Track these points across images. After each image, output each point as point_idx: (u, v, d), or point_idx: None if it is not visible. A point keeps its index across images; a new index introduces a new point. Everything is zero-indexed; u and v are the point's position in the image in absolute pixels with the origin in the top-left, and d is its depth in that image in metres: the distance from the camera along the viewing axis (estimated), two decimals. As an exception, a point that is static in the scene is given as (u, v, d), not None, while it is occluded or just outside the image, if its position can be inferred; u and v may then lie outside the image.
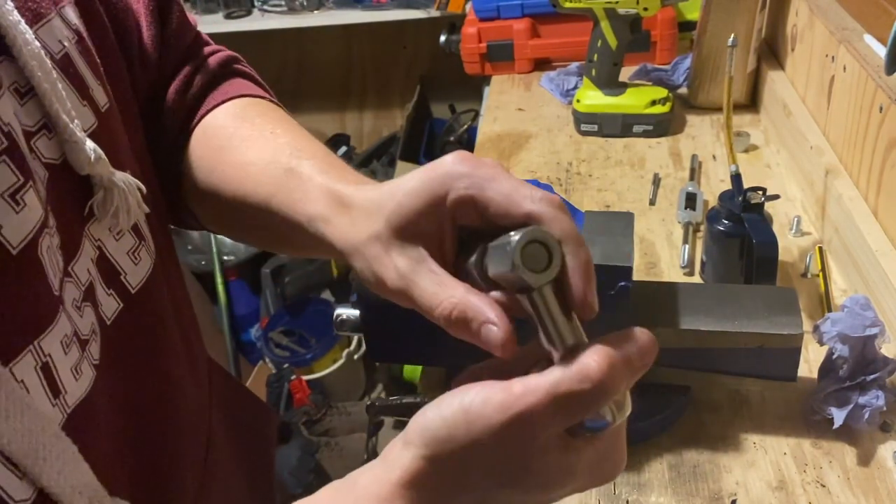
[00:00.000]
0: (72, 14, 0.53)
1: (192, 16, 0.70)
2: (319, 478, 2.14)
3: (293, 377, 2.14)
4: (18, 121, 0.45)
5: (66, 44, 0.51)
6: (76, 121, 0.49)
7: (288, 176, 0.58)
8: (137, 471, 0.53)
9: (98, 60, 0.55)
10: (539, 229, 0.42)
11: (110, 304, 0.52)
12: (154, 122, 0.66)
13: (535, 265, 0.41)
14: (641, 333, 0.44)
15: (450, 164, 0.47)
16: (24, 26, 0.46)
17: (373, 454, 2.25)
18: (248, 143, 0.63)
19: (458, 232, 0.48)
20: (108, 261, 0.53)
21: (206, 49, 0.70)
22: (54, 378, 0.44)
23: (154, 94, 0.66)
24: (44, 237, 0.44)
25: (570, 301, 0.43)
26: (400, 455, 0.44)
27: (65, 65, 0.50)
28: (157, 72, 0.65)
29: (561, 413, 0.41)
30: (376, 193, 0.50)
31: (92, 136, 0.50)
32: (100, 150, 0.50)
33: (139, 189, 0.54)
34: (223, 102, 0.67)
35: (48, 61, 0.47)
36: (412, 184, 0.48)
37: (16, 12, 0.46)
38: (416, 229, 0.48)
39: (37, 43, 0.47)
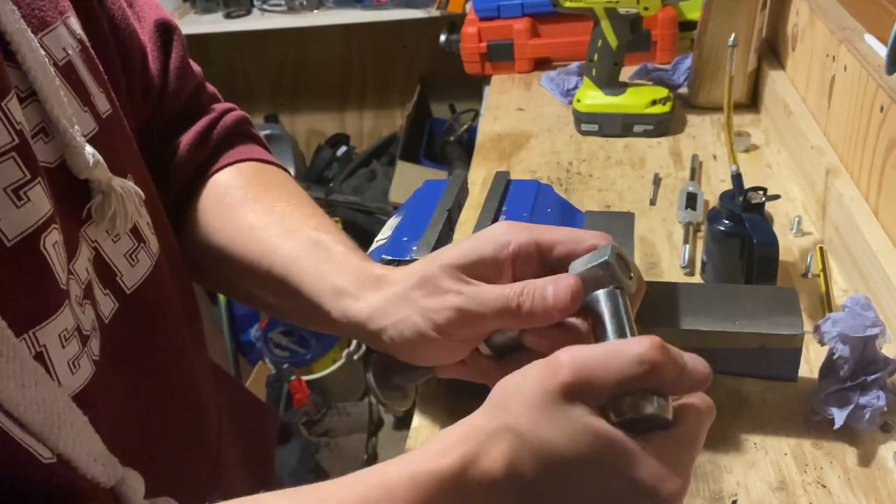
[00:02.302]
0: (76, 24, 0.54)
1: (196, 66, 0.72)
2: (319, 478, 2.14)
3: (293, 377, 2.14)
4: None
5: (69, 51, 0.52)
6: (76, 126, 0.50)
7: (316, 249, 0.60)
8: (140, 466, 0.53)
9: (101, 69, 0.56)
10: (620, 248, 0.49)
11: (107, 304, 0.53)
12: (162, 165, 0.67)
13: (623, 270, 0.49)
14: (700, 362, 0.47)
15: (507, 223, 0.53)
16: (29, 34, 0.48)
17: (373, 454, 2.25)
18: (265, 208, 0.64)
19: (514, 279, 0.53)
20: (104, 261, 0.53)
21: (218, 106, 0.72)
22: (49, 369, 0.45)
23: (147, 128, 0.67)
24: (50, 232, 0.46)
25: None
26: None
27: (67, 71, 0.52)
28: (157, 105, 0.67)
29: (608, 374, 0.43)
30: (415, 264, 0.55)
31: (92, 140, 0.52)
32: (98, 156, 0.51)
33: (138, 195, 0.55)
34: (236, 162, 0.69)
35: (51, 67, 0.49)
36: (471, 238, 0.54)
37: (22, 20, 0.48)
38: (473, 273, 0.52)
39: (41, 50, 0.48)
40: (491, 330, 0.53)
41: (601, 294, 0.48)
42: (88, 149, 0.50)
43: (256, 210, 0.65)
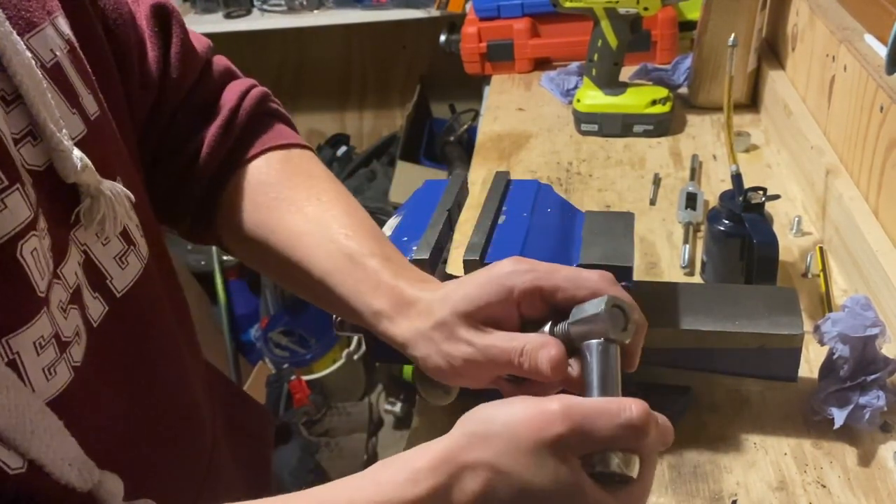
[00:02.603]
0: (64, 24, 0.54)
1: (202, 42, 0.71)
2: (319, 478, 2.13)
3: (293, 377, 2.13)
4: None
5: (57, 53, 0.52)
6: (64, 129, 0.49)
7: (351, 264, 0.62)
8: (128, 469, 0.53)
9: (90, 70, 0.55)
10: (617, 297, 0.51)
11: (96, 307, 0.53)
12: (155, 146, 0.67)
13: (616, 323, 0.50)
14: (665, 421, 0.48)
15: (512, 263, 0.55)
16: (15, 36, 0.47)
17: (373, 454, 2.25)
18: (298, 209, 0.65)
19: (521, 322, 0.56)
20: (93, 265, 0.53)
21: (236, 86, 0.72)
22: (21, 376, 0.44)
23: (154, 117, 0.67)
24: (28, 239, 0.45)
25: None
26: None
27: (55, 73, 0.51)
28: (159, 94, 0.66)
29: (584, 427, 0.45)
30: (441, 293, 0.57)
31: (80, 143, 0.51)
32: (87, 159, 0.50)
33: (128, 198, 0.55)
34: (262, 153, 0.69)
35: (38, 70, 0.48)
36: (479, 280, 0.56)
37: (7, 23, 0.47)
38: (483, 316, 0.55)
39: (27, 52, 0.48)
40: (496, 374, 0.56)
41: (593, 345, 0.50)
42: (76, 152, 0.49)
43: (291, 212, 0.65)
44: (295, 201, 0.66)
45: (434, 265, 0.67)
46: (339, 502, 0.45)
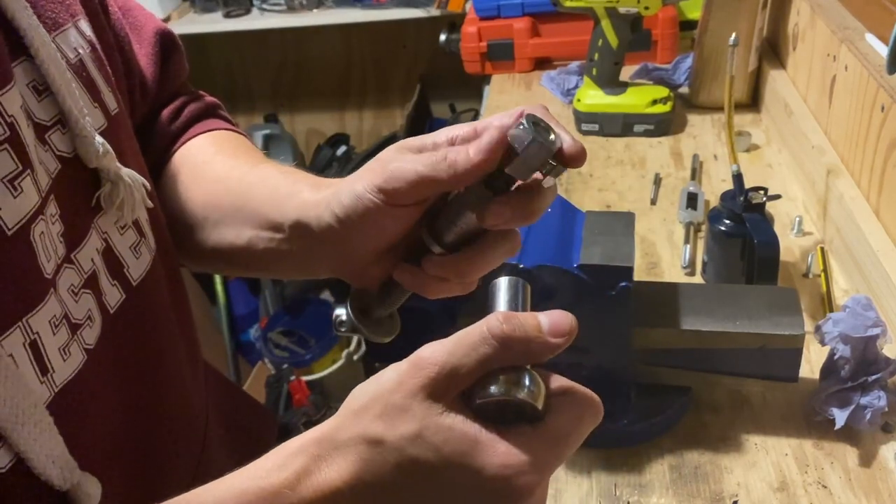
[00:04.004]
0: (86, 28, 0.57)
1: (185, 63, 0.76)
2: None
3: (292, 378, 2.13)
4: (32, 115, 0.49)
5: (80, 51, 0.55)
6: (87, 118, 0.52)
7: (281, 173, 0.62)
8: (126, 458, 0.54)
9: (109, 70, 0.59)
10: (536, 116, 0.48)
11: (114, 294, 0.55)
12: (142, 140, 0.69)
13: (540, 130, 0.47)
14: (560, 315, 0.44)
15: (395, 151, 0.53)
16: (42, 30, 0.50)
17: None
18: (230, 158, 0.68)
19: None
20: (113, 253, 0.55)
21: (196, 92, 0.76)
22: (42, 356, 0.46)
23: (144, 123, 0.70)
24: (37, 223, 0.47)
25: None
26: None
27: (79, 69, 0.54)
28: (153, 104, 0.70)
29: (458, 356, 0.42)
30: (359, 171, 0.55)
31: (102, 134, 0.54)
32: (108, 146, 0.53)
33: (144, 186, 0.57)
34: (206, 132, 0.72)
35: (63, 63, 0.52)
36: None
37: (35, 18, 0.50)
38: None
39: (54, 46, 0.51)
40: (425, 189, 0.51)
41: (500, 281, 0.47)
42: (98, 139, 0.52)
43: (223, 159, 0.68)
44: (228, 154, 0.69)
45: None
46: (214, 495, 0.43)
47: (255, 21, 2.31)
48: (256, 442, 0.79)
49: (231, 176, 0.65)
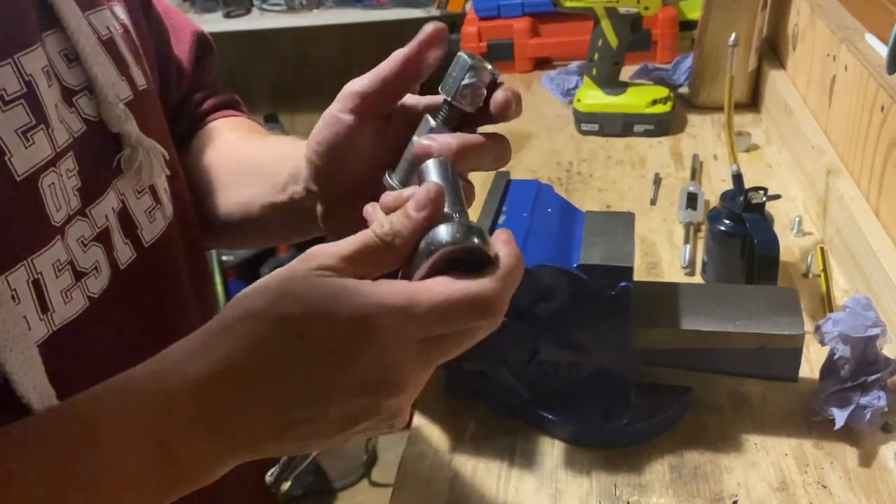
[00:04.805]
0: (122, 12, 0.63)
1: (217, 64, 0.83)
2: (319, 478, 2.13)
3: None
4: (62, 79, 0.54)
5: (112, 30, 0.60)
6: (113, 87, 0.57)
7: (284, 139, 0.71)
8: None
9: (141, 54, 0.64)
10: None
11: (125, 252, 0.59)
12: (169, 122, 0.74)
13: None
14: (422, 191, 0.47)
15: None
16: (74, 6, 0.55)
17: (372, 454, 2.25)
18: (243, 134, 0.76)
19: None
20: (128, 214, 0.59)
21: (223, 89, 0.84)
22: (44, 295, 0.50)
23: (176, 107, 0.76)
24: (48, 174, 0.51)
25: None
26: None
27: (109, 45, 0.59)
28: (187, 88, 0.77)
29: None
30: None
31: (127, 105, 0.58)
32: (129, 113, 0.58)
33: (162, 154, 0.62)
34: (225, 117, 0.80)
35: (93, 37, 0.57)
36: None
37: None
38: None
39: (85, 21, 0.56)
40: (384, 87, 0.59)
41: (430, 164, 0.50)
42: (121, 105, 0.57)
43: (239, 135, 0.76)
44: (242, 131, 0.77)
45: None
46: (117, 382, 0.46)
47: (255, 21, 2.32)
48: None
49: (244, 146, 0.73)
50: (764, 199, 0.84)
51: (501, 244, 0.46)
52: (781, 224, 0.96)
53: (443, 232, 0.44)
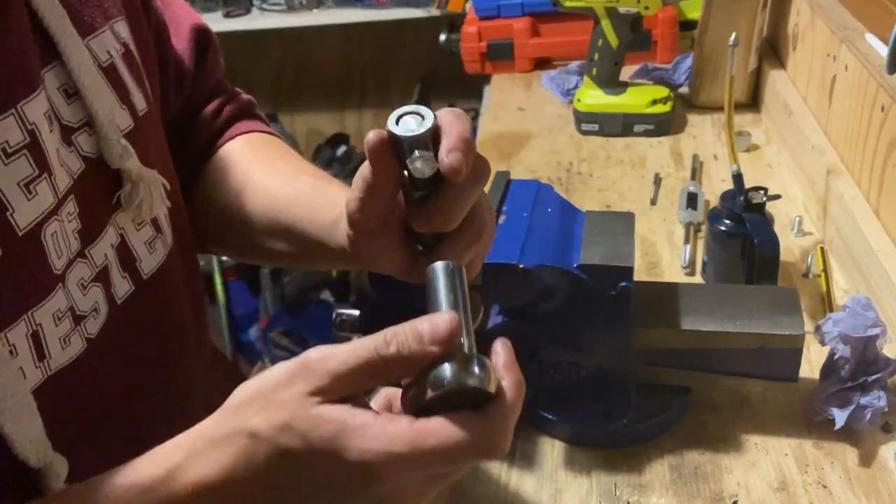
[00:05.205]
0: (122, 29, 0.61)
1: (221, 59, 0.80)
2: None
3: (293, 377, 2.13)
4: (60, 118, 0.53)
5: (112, 54, 0.58)
6: (114, 121, 0.56)
7: (313, 190, 0.66)
8: (111, 435, 0.56)
9: (142, 72, 0.63)
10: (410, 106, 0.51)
11: (123, 286, 0.58)
12: (182, 135, 0.74)
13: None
14: (443, 323, 0.43)
15: None
16: (76, 37, 0.54)
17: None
18: (268, 166, 0.72)
19: None
20: (127, 248, 0.59)
21: (233, 89, 0.81)
22: (42, 344, 0.50)
23: (184, 111, 0.75)
24: (51, 223, 0.50)
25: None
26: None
27: (110, 72, 0.57)
28: (191, 90, 0.74)
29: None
30: None
31: (128, 135, 0.58)
32: (130, 148, 0.57)
33: (164, 186, 0.61)
34: (244, 133, 0.77)
35: (94, 67, 0.55)
36: None
37: (70, 25, 0.54)
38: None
39: (86, 51, 0.55)
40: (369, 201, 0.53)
41: (437, 266, 0.47)
42: (122, 141, 0.56)
43: (262, 168, 0.72)
44: (266, 161, 0.73)
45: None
46: (95, 488, 0.45)
47: (255, 21, 2.31)
48: None
49: (269, 190, 0.69)
50: (764, 199, 0.84)
51: (505, 371, 0.44)
52: (781, 224, 0.96)
53: (448, 369, 0.42)
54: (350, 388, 0.42)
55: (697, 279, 0.93)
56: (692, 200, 1.03)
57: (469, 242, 0.53)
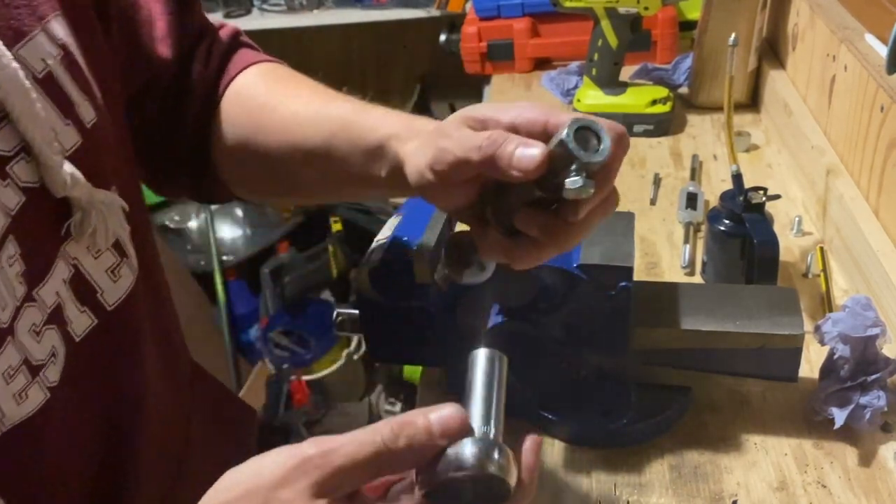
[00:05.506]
0: (58, 28, 0.52)
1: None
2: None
3: (293, 378, 2.13)
4: None
5: (49, 62, 0.50)
6: (55, 143, 0.49)
7: (359, 110, 0.62)
8: (93, 478, 0.53)
9: (87, 74, 0.54)
10: (582, 118, 0.47)
11: (82, 322, 0.52)
12: (181, 97, 0.67)
13: (585, 145, 0.47)
14: (451, 418, 0.43)
15: (533, 103, 0.54)
16: (2, 49, 0.46)
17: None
18: (292, 98, 0.66)
19: None
20: (83, 279, 0.52)
21: (209, 26, 0.73)
22: None
23: (176, 80, 0.67)
24: None
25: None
26: None
27: (47, 84, 0.50)
28: (178, 50, 0.67)
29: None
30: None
31: (74, 154, 0.50)
32: (78, 174, 0.49)
33: (122, 208, 0.54)
34: (245, 68, 0.70)
35: (28, 83, 0.47)
36: (503, 104, 0.54)
37: None
38: (483, 127, 0.52)
39: (14, 65, 0.46)
40: (466, 172, 0.51)
41: (479, 353, 0.47)
42: (66, 167, 0.49)
43: (289, 95, 0.67)
44: (289, 94, 0.67)
45: (434, 265, 0.67)
46: None
47: (255, 21, 2.31)
48: (238, 443, 0.79)
49: (304, 116, 0.64)
50: (764, 199, 0.84)
51: (526, 472, 0.43)
52: (781, 224, 0.96)
53: (468, 453, 0.41)
54: (355, 482, 0.41)
55: (697, 279, 0.93)
56: (692, 200, 1.03)
57: (553, 254, 0.53)
